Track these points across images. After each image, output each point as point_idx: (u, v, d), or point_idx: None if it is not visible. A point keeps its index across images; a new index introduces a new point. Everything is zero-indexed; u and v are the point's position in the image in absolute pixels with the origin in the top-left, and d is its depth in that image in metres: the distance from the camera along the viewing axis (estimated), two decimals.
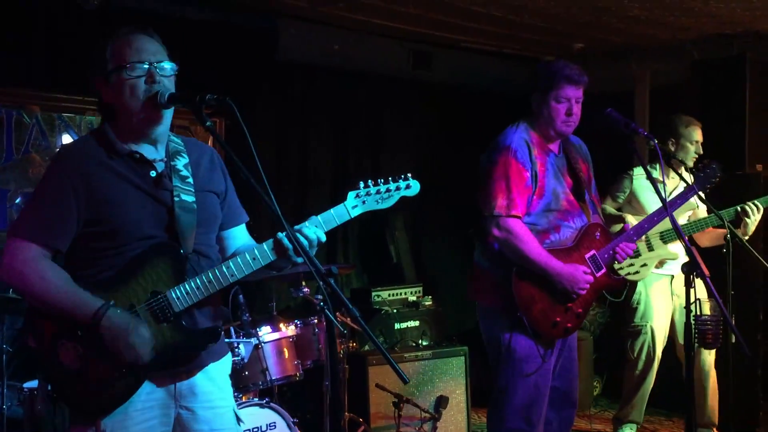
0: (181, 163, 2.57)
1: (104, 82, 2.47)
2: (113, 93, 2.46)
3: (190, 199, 2.53)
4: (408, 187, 2.63)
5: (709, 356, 4.91)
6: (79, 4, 4.79)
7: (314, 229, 2.53)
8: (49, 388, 3.57)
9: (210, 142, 5.61)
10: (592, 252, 3.73)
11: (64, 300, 2.39)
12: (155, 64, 2.47)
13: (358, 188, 2.58)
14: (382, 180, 2.60)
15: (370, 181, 2.59)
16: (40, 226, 2.44)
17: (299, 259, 2.49)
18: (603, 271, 3.75)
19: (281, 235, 2.48)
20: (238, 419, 2.66)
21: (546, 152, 3.75)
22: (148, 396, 2.47)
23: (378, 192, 2.59)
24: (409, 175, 2.64)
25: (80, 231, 2.44)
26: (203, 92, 2.43)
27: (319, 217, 2.55)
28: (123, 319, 2.38)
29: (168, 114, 2.51)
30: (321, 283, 2.33)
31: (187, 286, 2.46)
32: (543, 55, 6.76)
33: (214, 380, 2.62)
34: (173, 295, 2.45)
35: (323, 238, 2.55)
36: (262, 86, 5.87)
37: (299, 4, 5.35)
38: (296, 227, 2.52)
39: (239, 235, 2.75)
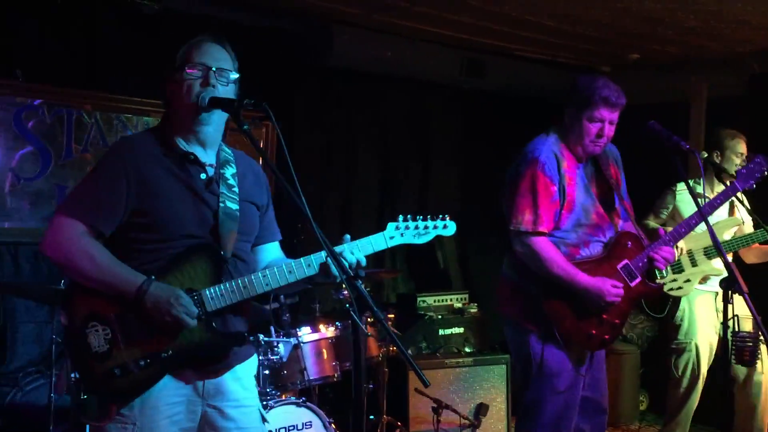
0: (229, 172, 2.66)
1: (166, 79, 2.60)
2: (172, 90, 2.59)
3: (234, 206, 2.61)
4: (445, 227, 2.75)
5: (762, 374, 4.81)
6: (139, 9, 4.94)
7: (352, 255, 2.57)
8: (72, 374, 3.69)
9: (262, 143, 5.73)
10: (625, 261, 3.69)
11: (107, 275, 2.47)
12: (214, 69, 2.57)
13: (398, 221, 2.69)
14: (421, 217, 2.71)
15: (409, 216, 2.70)
16: (88, 206, 2.51)
17: (341, 276, 2.51)
18: (638, 280, 3.70)
19: (324, 255, 2.54)
20: (263, 418, 2.73)
21: (575, 164, 3.70)
22: (176, 391, 2.54)
23: (416, 228, 2.70)
24: (447, 216, 2.76)
25: (126, 220, 2.52)
26: (241, 97, 2.53)
27: (356, 242, 2.62)
28: (165, 291, 2.46)
29: (209, 117, 2.58)
30: (348, 285, 2.39)
31: (222, 288, 2.53)
32: (598, 64, 6.72)
33: (240, 380, 2.68)
34: (208, 294, 2.52)
35: (363, 262, 2.61)
36: (314, 92, 5.96)
37: (353, 11, 5.42)
38: (337, 249, 2.55)
39: (272, 251, 2.83)
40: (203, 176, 2.60)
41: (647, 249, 3.70)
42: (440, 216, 2.75)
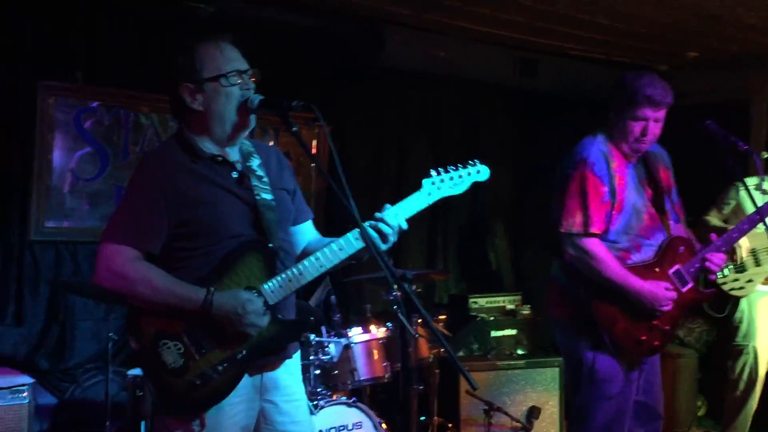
0: (255, 163, 2.68)
1: (194, 90, 2.56)
2: (207, 100, 2.56)
3: (269, 197, 2.63)
4: (479, 172, 2.75)
5: None
6: (195, 12, 5.01)
7: (396, 217, 2.61)
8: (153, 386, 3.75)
9: (315, 142, 5.78)
10: (677, 267, 3.61)
11: (169, 296, 2.47)
12: (248, 72, 2.60)
13: (432, 176, 2.68)
14: (453, 167, 2.72)
15: (441, 168, 2.70)
16: (133, 230, 2.51)
17: (384, 246, 2.58)
18: (689, 285, 3.61)
19: (367, 224, 2.56)
20: (311, 411, 2.76)
21: (625, 164, 3.62)
22: (239, 391, 2.56)
23: (451, 179, 2.70)
24: (477, 161, 2.76)
25: (170, 233, 2.52)
26: (289, 98, 2.53)
27: (397, 205, 2.64)
28: (231, 300, 2.47)
29: (255, 120, 2.63)
30: (395, 287, 2.39)
31: (279, 280, 2.55)
32: (655, 63, 6.58)
33: (292, 374, 2.73)
34: (267, 289, 2.54)
35: (405, 226, 2.64)
36: (367, 92, 5.97)
37: (404, 12, 5.41)
38: (378, 215, 2.60)
39: (307, 231, 2.86)
40: (234, 174, 2.61)
41: (699, 254, 3.62)
42: (470, 162, 2.75)
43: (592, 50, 6.34)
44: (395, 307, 2.38)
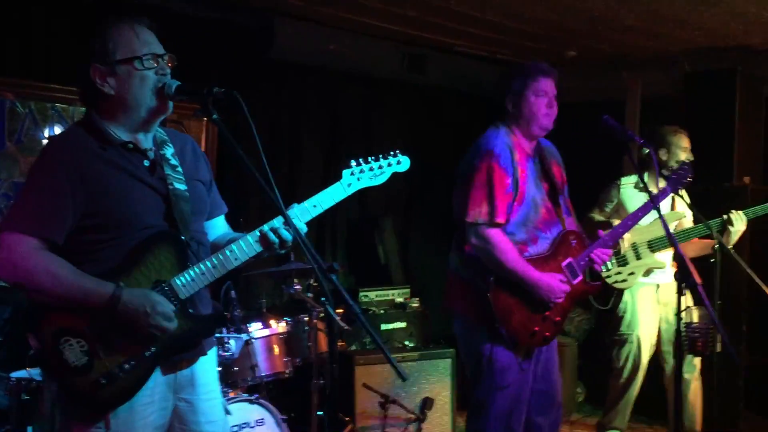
0: (168, 152, 2.58)
1: (105, 72, 2.45)
2: (119, 84, 2.45)
3: (182, 187, 2.54)
4: (399, 162, 2.72)
5: (694, 367, 4.94)
6: None
7: (297, 222, 2.55)
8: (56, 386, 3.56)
9: (204, 136, 5.63)
10: (569, 260, 3.72)
11: (74, 289, 2.34)
12: (164, 57, 2.50)
13: (351, 166, 2.64)
14: (373, 157, 2.68)
15: (361, 159, 2.66)
16: (36, 218, 2.38)
17: (281, 251, 2.55)
18: (579, 278, 3.74)
19: (266, 228, 2.52)
20: (226, 411, 2.69)
21: (526, 157, 3.72)
22: (151, 390, 2.47)
23: (371, 169, 2.67)
24: (398, 151, 2.73)
25: (76, 224, 2.40)
26: (209, 85, 2.45)
27: (315, 197, 2.60)
28: (140, 299, 2.37)
29: (171, 106, 2.53)
30: (323, 279, 2.34)
31: (191, 273, 2.47)
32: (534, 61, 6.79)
33: (208, 372, 2.65)
34: (178, 282, 2.46)
35: (304, 229, 2.57)
36: (256, 84, 5.86)
37: (296, 3, 5.35)
38: (269, 226, 2.53)
39: (220, 225, 2.79)
40: (146, 163, 2.51)
41: (588, 248, 3.75)
42: (391, 153, 2.72)
43: (478, 47, 6.48)
44: (323, 299, 2.33)
